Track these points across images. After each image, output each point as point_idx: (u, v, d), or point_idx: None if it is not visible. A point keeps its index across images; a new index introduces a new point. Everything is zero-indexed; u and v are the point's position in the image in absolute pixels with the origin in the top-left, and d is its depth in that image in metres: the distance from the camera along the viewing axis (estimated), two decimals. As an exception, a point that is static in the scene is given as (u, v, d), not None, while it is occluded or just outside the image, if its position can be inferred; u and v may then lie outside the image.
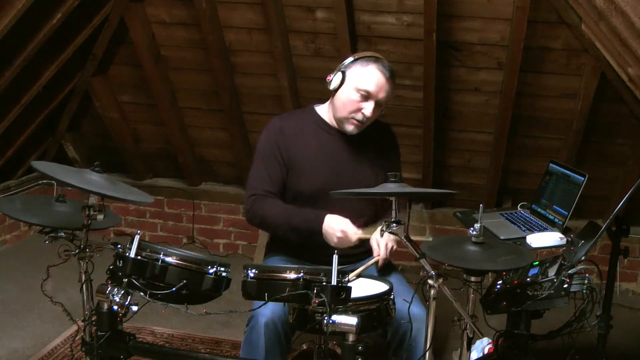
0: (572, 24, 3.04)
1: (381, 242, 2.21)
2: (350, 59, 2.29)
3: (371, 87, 2.22)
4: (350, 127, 2.28)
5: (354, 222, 2.20)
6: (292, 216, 2.26)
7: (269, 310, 2.01)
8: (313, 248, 2.29)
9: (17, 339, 2.96)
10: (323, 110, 2.40)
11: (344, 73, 2.26)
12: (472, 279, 1.85)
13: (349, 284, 1.69)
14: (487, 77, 3.38)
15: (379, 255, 2.21)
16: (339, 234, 2.16)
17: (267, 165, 2.31)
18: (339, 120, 2.31)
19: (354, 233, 2.16)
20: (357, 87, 2.23)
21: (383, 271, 2.28)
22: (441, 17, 3.09)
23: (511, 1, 3.02)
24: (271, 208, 2.28)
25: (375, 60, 2.27)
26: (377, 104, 2.25)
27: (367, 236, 2.18)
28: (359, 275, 2.06)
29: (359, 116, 2.25)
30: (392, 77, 2.27)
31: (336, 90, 2.28)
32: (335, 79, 2.28)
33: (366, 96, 2.23)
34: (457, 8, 3.11)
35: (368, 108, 2.23)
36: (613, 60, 2.93)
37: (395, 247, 2.24)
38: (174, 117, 3.91)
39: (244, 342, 2.12)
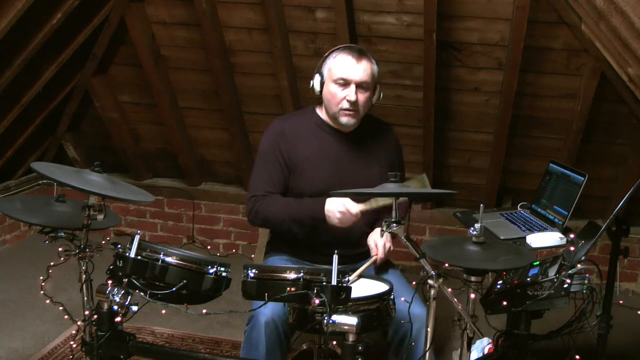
0: (572, 24, 3.04)
1: (379, 242, 2.23)
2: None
3: (344, 73, 2.25)
4: (344, 119, 2.29)
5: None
6: (294, 208, 2.27)
7: (269, 310, 2.01)
8: (313, 247, 2.29)
9: (17, 339, 2.96)
10: (323, 112, 2.40)
11: (320, 73, 2.32)
12: (472, 279, 1.85)
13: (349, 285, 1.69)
14: (487, 77, 3.38)
15: (376, 255, 2.22)
16: (342, 208, 2.17)
17: (269, 166, 2.32)
18: (333, 118, 2.33)
19: (355, 206, 2.18)
20: (333, 79, 2.27)
21: (383, 271, 2.29)
22: (441, 17, 3.10)
23: (511, 1, 3.02)
24: (272, 205, 2.29)
25: (342, 48, 2.31)
26: (360, 86, 2.26)
27: (369, 207, 2.19)
28: (359, 276, 2.07)
29: (345, 104, 2.26)
30: (362, 55, 2.28)
31: (321, 92, 2.32)
32: (315, 83, 2.33)
33: (344, 83, 2.25)
34: (457, 8, 3.11)
35: (350, 93, 2.25)
36: (613, 60, 2.93)
37: (392, 247, 2.26)
38: (174, 117, 3.91)
39: (244, 342, 2.12)
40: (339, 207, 2.18)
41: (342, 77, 2.25)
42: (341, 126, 2.33)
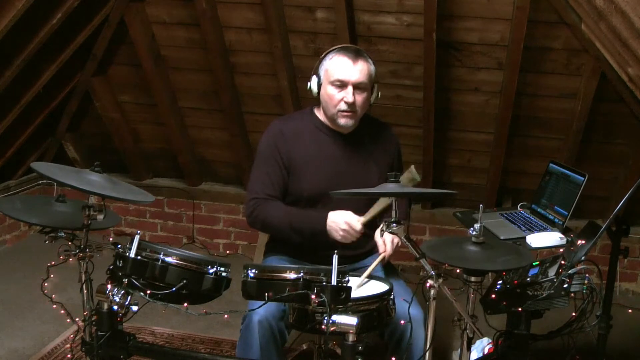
0: (572, 24, 3.04)
1: (386, 237, 2.20)
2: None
3: (341, 75, 2.24)
4: (342, 121, 2.29)
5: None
6: (295, 218, 2.26)
7: (263, 309, 2.00)
8: (313, 248, 2.29)
9: (17, 339, 2.96)
10: (321, 113, 2.40)
11: (317, 75, 2.31)
12: (472, 279, 1.85)
13: (352, 285, 1.68)
14: (487, 77, 3.38)
15: (384, 252, 2.18)
16: (344, 226, 2.16)
17: (268, 168, 2.32)
18: (331, 120, 2.33)
19: (357, 221, 2.17)
20: (330, 80, 2.26)
21: (383, 271, 2.28)
22: (441, 17, 3.09)
23: (511, 1, 3.02)
24: (273, 211, 2.28)
25: (339, 49, 2.29)
26: (357, 87, 2.25)
27: (369, 216, 2.17)
28: (368, 276, 2.06)
29: (342, 106, 2.25)
30: (359, 55, 2.26)
31: (318, 93, 2.32)
32: (313, 84, 2.32)
33: (340, 85, 2.24)
34: (457, 8, 3.11)
35: (348, 94, 2.24)
36: (613, 60, 2.92)
37: (399, 242, 2.23)
38: (174, 117, 3.91)
39: (239, 341, 2.12)
40: (341, 225, 2.17)
41: (339, 79, 2.24)
42: (339, 127, 2.32)
